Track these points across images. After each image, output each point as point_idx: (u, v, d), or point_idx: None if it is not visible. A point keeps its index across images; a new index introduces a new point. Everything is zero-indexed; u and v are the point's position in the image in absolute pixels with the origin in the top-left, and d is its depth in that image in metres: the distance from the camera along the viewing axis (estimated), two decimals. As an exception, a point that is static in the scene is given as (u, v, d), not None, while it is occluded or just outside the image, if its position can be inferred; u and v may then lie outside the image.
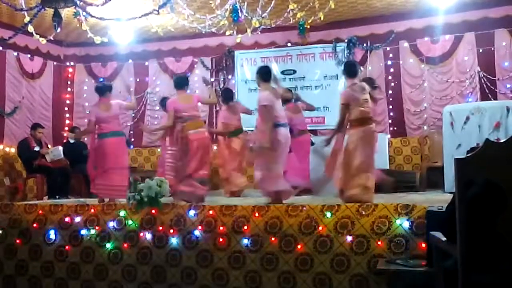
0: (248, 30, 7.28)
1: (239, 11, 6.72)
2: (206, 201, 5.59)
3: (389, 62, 9.14)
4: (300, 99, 7.61)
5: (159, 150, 9.45)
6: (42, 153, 7.91)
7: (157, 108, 10.13)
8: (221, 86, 9.62)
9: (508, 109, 6.33)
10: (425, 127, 8.83)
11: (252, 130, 6.47)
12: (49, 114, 10.09)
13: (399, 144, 8.93)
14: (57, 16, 5.76)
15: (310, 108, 7.78)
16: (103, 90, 6.57)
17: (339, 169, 5.30)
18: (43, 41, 7.03)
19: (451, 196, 2.62)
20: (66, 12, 6.96)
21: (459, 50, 8.70)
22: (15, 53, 9.31)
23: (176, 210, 4.91)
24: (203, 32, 7.67)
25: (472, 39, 8.57)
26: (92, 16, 6.41)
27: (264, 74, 5.54)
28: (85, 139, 9.79)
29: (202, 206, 4.90)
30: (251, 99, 7.92)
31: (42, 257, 5.13)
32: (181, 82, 6.27)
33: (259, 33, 7.67)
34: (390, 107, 9.12)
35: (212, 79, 10.05)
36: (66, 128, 10.18)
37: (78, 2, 5.82)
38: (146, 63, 10.31)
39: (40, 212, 5.33)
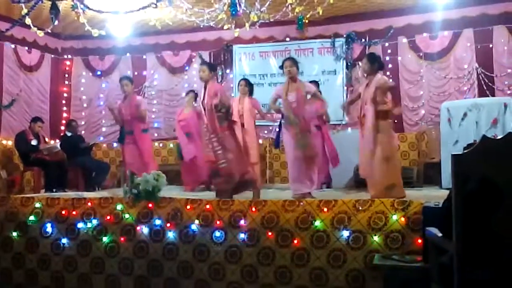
0: (247, 24, 7.25)
1: (238, 5, 6.68)
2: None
3: (388, 58, 9.12)
4: None
5: (156, 144, 9.45)
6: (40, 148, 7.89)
7: (155, 102, 10.13)
8: (218, 80, 9.59)
9: (505, 106, 6.33)
10: (423, 123, 8.83)
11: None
12: (46, 107, 10.05)
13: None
14: (54, 8, 5.74)
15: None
16: None
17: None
18: (40, 33, 6.99)
19: (447, 192, 2.63)
20: (64, 5, 6.91)
21: (457, 46, 8.69)
22: (13, 46, 9.26)
23: (173, 204, 4.91)
24: (201, 26, 7.63)
25: (470, 36, 8.56)
26: (89, 9, 6.40)
27: None
28: (82, 132, 9.81)
29: (199, 201, 4.90)
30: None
31: (38, 250, 5.13)
32: None
33: (258, 27, 7.63)
34: (388, 102, 9.11)
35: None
36: (64, 122, 10.16)
37: (75, -5, 5.80)
38: (144, 57, 10.29)
39: (37, 205, 5.32)
